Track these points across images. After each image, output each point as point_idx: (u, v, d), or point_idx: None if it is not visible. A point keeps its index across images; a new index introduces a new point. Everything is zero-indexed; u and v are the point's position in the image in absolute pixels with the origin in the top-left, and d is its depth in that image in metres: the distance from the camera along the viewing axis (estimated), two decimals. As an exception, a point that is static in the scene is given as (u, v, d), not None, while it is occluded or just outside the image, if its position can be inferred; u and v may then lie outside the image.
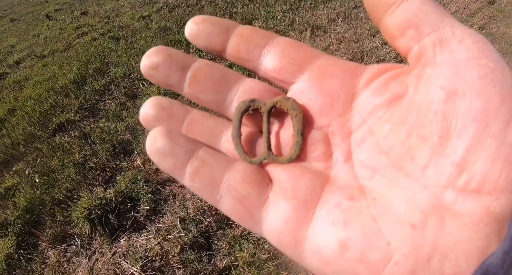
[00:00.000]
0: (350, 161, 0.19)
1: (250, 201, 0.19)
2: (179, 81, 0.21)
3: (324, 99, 0.19)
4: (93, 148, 1.99)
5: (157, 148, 0.19)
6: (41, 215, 1.67)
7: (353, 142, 0.19)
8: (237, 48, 0.21)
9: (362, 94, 0.19)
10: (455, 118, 0.15)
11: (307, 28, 3.00)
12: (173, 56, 0.21)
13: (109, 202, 1.57)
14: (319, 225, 0.17)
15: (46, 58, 3.52)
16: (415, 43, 0.17)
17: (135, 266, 1.34)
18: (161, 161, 0.19)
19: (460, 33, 0.16)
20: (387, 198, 0.16)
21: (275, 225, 0.18)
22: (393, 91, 0.18)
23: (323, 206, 0.18)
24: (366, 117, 0.18)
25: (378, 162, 0.17)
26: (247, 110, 0.20)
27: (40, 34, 4.32)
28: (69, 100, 2.53)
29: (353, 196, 0.17)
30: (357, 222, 0.16)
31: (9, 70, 3.50)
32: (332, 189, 0.18)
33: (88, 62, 3.02)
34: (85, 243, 1.52)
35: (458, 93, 0.15)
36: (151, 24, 3.69)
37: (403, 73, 0.18)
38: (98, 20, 4.27)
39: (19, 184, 1.89)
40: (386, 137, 0.17)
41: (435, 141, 0.15)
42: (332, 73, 0.20)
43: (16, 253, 1.53)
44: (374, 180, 0.17)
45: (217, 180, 0.19)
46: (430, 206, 0.15)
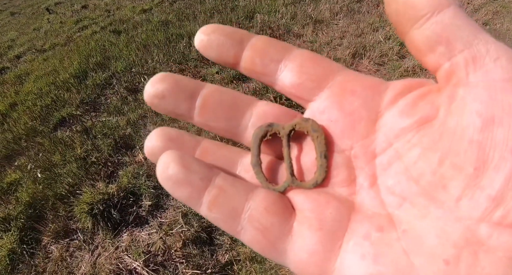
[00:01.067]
0: (376, 186, 0.18)
1: (273, 232, 0.17)
2: (189, 110, 0.19)
3: (346, 119, 0.18)
4: (95, 142, 1.99)
5: (170, 175, 0.17)
6: (44, 210, 1.67)
7: (379, 166, 0.18)
8: (252, 62, 0.19)
9: (387, 114, 0.18)
10: (492, 148, 0.14)
11: (309, 22, 2.97)
12: (180, 84, 0.19)
13: (111, 197, 1.58)
14: (348, 258, 0.16)
15: (46, 52, 3.51)
16: (446, 60, 0.16)
17: (137, 261, 1.35)
18: (175, 190, 0.18)
19: (495, 51, 0.15)
20: (418, 230, 0.16)
21: (300, 257, 0.17)
22: (422, 112, 0.17)
23: (351, 238, 0.17)
24: (393, 140, 0.17)
25: (407, 189, 0.16)
26: (265, 136, 0.19)
27: (41, 28, 4.29)
28: (70, 95, 2.53)
29: (382, 226, 0.16)
30: (388, 256, 0.16)
31: (10, 64, 3.49)
32: (360, 218, 0.17)
33: (89, 56, 3.01)
34: (87, 237, 1.53)
35: (496, 120, 0.14)
36: (152, 17, 3.66)
37: (431, 92, 0.17)
38: (98, 14, 4.25)
39: (21, 179, 1.89)
40: (416, 163, 0.16)
41: (470, 172, 0.14)
42: (353, 90, 0.18)
43: (19, 247, 1.54)
44: (403, 209, 0.16)
45: (238, 210, 0.18)
46: (464, 240, 0.14)
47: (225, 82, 2.26)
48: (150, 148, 0.19)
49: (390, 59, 2.34)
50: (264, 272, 1.21)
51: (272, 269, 1.22)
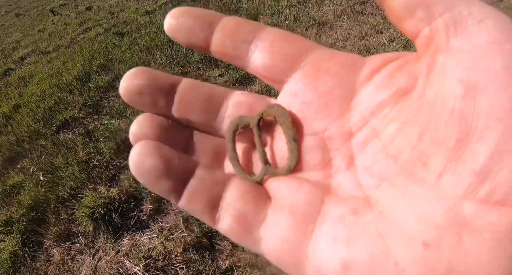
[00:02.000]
0: (353, 167, 0.17)
1: (248, 219, 0.17)
2: (167, 105, 0.19)
3: (319, 100, 0.17)
4: (97, 145, 1.99)
5: (148, 169, 0.16)
6: (46, 213, 1.68)
7: (355, 146, 0.17)
8: (222, 44, 0.18)
9: (363, 91, 0.17)
10: (476, 117, 0.13)
11: (313, 24, 2.96)
12: (157, 79, 0.19)
13: (112, 200, 1.57)
14: (320, 242, 0.16)
15: (50, 54, 3.53)
16: (426, 25, 0.14)
17: (138, 265, 1.35)
18: (155, 185, 0.17)
19: (479, 12, 0.14)
20: (395, 211, 0.14)
21: (274, 244, 0.17)
22: (399, 84, 0.16)
23: (323, 221, 0.16)
24: (369, 117, 0.16)
25: (385, 169, 0.15)
26: (237, 130, 0.19)
27: (45, 30, 4.32)
28: (73, 97, 2.53)
29: (356, 209, 0.15)
30: (361, 240, 0.15)
31: (14, 66, 3.51)
32: (334, 200, 0.16)
33: (92, 58, 3.02)
34: (89, 241, 1.53)
35: (479, 87, 0.13)
36: (156, 19, 3.67)
37: (409, 62, 0.16)
38: (102, 15, 4.26)
39: (23, 182, 1.90)
40: (394, 140, 0.15)
41: (452, 145, 0.13)
42: (328, 69, 0.17)
43: (21, 250, 1.55)
44: (381, 189, 0.15)
45: (216, 200, 0.18)
46: (446, 220, 0.13)
47: (228, 85, 2.26)
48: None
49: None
50: (264, 278, 1.21)
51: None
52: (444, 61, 0.14)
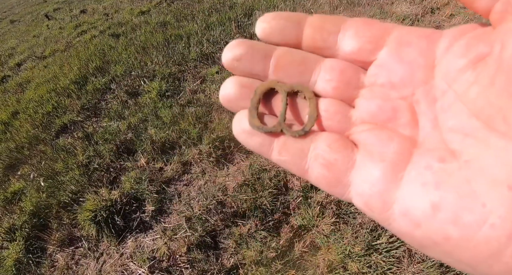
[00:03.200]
0: (438, 127, 0.18)
1: (337, 166, 0.19)
2: (263, 69, 0.21)
3: (404, 69, 0.19)
4: (96, 148, 1.97)
5: (244, 128, 0.20)
6: (48, 219, 1.67)
7: (439, 109, 0.18)
8: (312, 39, 0.21)
9: (443, 60, 0.18)
10: None
11: (309, 16, 2.93)
12: (254, 47, 0.21)
13: (114, 203, 1.56)
14: (409, 186, 0.17)
15: (46, 59, 3.51)
16: (496, 1, 0.16)
17: (142, 267, 1.34)
18: (248, 140, 0.20)
19: None
20: (480, 160, 0.16)
21: (363, 188, 0.18)
22: (476, 51, 0.17)
23: (412, 168, 0.17)
24: (451, 83, 0.18)
25: (468, 125, 0.16)
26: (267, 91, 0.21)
27: (40, 35, 4.30)
28: (71, 101, 2.52)
29: (443, 158, 0.17)
30: (449, 183, 0.16)
31: (11, 72, 3.50)
32: (422, 152, 0.18)
33: (89, 61, 3.00)
34: (92, 245, 1.52)
35: None
36: (151, 19, 3.64)
37: (486, 33, 0.17)
38: (97, 18, 4.24)
39: (24, 188, 1.89)
40: (475, 100, 0.16)
41: None
42: (409, 41, 0.19)
43: (25, 257, 1.54)
44: (465, 143, 0.16)
45: (304, 151, 0.20)
46: None
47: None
48: (225, 95, 0.21)
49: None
50: (270, 275, 1.19)
51: (279, 272, 1.19)
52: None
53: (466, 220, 0.15)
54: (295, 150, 0.20)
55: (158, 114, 2.11)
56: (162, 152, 1.85)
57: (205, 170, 1.68)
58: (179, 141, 1.88)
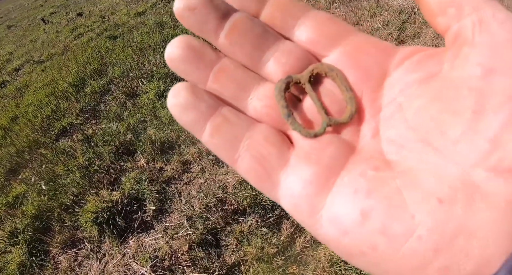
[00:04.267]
0: (378, 137, 0.18)
1: (269, 161, 0.18)
2: (217, 28, 0.19)
3: (357, 74, 0.19)
4: (96, 150, 1.98)
5: (179, 101, 0.19)
6: (50, 221, 1.67)
7: (382, 119, 0.18)
8: (272, 15, 0.20)
9: (394, 73, 0.18)
10: (492, 95, 0.14)
11: (305, 12, 2.92)
12: (214, 2, 0.19)
13: (115, 204, 1.57)
14: (341, 192, 0.17)
15: (44, 63, 3.51)
16: (455, 22, 0.16)
17: (145, 267, 1.34)
18: (181, 114, 0.19)
19: (502, 16, 0.15)
20: (413, 172, 0.16)
21: (293, 189, 0.17)
22: (427, 69, 0.17)
23: (346, 175, 0.17)
24: (397, 94, 0.18)
25: (406, 137, 0.17)
26: (288, 88, 0.19)
27: (37, 39, 4.31)
28: (69, 104, 2.53)
29: (378, 166, 0.17)
30: (381, 192, 0.16)
31: (9, 77, 3.50)
32: (358, 159, 0.18)
33: (86, 63, 3.00)
34: (94, 246, 1.53)
35: (496, 71, 0.15)
36: (147, 20, 3.64)
37: (438, 53, 0.18)
38: (93, 20, 4.24)
39: (26, 192, 1.90)
40: (417, 112, 0.17)
41: (469, 116, 0.15)
42: (367, 50, 0.19)
43: (28, 260, 1.55)
44: (401, 155, 0.17)
45: (238, 138, 0.19)
46: (459, 182, 0.14)
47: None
48: (170, 54, 0.19)
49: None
50: (271, 271, 1.19)
51: (280, 267, 1.20)
52: (467, 51, 0.16)
53: (394, 230, 0.15)
54: (229, 135, 0.19)
55: (157, 114, 2.12)
56: (162, 152, 1.85)
57: (205, 169, 1.68)
58: (178, 140, 1.88)
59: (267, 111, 0.19)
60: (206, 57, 0.19)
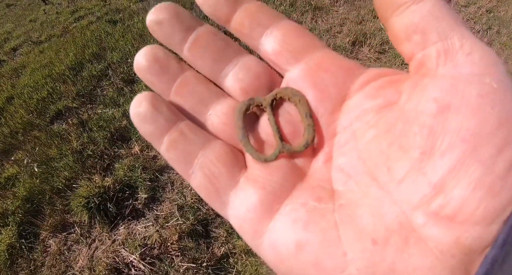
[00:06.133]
0: (329, 163, 0.18)
1: (219, 181, 0.18)
2: (181, 42, 0.20)
3: (315, 94, 0.19)
4: (91, 135, 1.97)
5: (139, 112, 0.19)
6: (41, 204, 1.67)
7: (336, 144, 0.18)
8: (241, 23, 0.20)
9: (354, 97, 0.18)
10: (443, 135, 0.14)
11: (309, 9, 2.90)
12: (180, 15, 0.20)
13: (107, 190, 1.57)
14: (281, 220, 0.17)
15: (43, 44, 3.47)
16: (420, 50, 0.16)
17: (134, 254, 1.35)
18: (141, 125, 0.19)
19: (469, 46, 0.15)
20: (354, 206, 0.16)
21: (239, 211, 0.18)
22: (385, 97, 0.17)
23: (289, 203, 0.17)
24: (353, 120, 0.18)
25: (354, 168, 0.17)
26: (248, 109, 0.20)
27: (37, 19, 4.24)
28: (66, 87, 2.50)
29: (321, 197, 0.17)
30: (318, 225, 0.16)
31: (6, 57, 3.45)
32: (303, 187, 0.18)
33: (85, 47, 2.97)
34: (85, 231, 1.53)
35: (452, 108, 0.14)
36: (149, 6, 3.59)
37: (401, 80, 0.17)
38: (94, 3, 4.18)
39: (18, 174, 1.88)
40: (369, 143, 0.16)
41: (416, 156, 0.14)
42: (328, 68, 0.19)
43: (18, 242, 1.55)
44: (347, 186, 0.17)
45: (192, 155, 0.19)
46: (397, 224, 0.14)
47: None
48: (137, 64, 0.20)
49: (391, 47, 2.28)
50: (259, 265, 1.21)
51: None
52: (427, 82, 0.15)
53: (325, 265, 0.15)
54: (184, 150, 0.19)
55: (154, 102, 2.10)
56: (157, 141, 1.85)
57: (199, 160, 1.69)
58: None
59: (223, 128, 0.20)
60: (170, 70, 0.20)
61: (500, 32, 2.34)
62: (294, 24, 0.20)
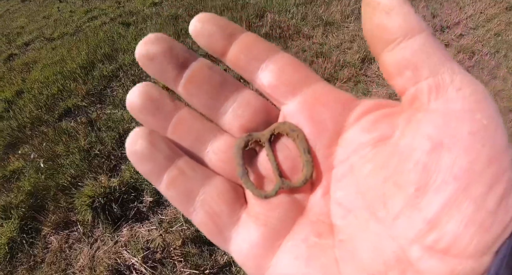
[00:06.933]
0: (328, 196, 0.18)
1: (221, 218, 0.19)
2: (175, 78, 0.19)
3: (312, 128, 0.19)
4: (99, 135, 1.98)
5: (136, 150, 0.18)
6: (45, 200, 1.67)
7: (334, 177, 0.18)
8: (237, 56, 0.20)
9: (351, 130, 0.18)
10: (436, 172, 0.14)
11: (320, 23, 2.95)
12: (172, 49, 0.19)
13: (112, 191, 1.57)
14: (284, 257, 0.17)
15: (55, 41, 3.50)
16: (412, 85, 0.16)
17: (136, 257, 1.35)
18: (138, 164, 0.19)
19: (460, 81, 0.15)
20: (354, 241, 0.16)
21: (241, 248, 0.18)
22: (381, 131, 0.17)
23: (290, 238, 0.18)
24: (350, 154, 0.18)
25: (353, 202, 0.17)
26: (247, 146, 0.20)
27: (51, 16, 4.29)
28: (76, 85, 2.52)
29: (321, 233, 0.17)
30: (319, 261, 0.16)
31: (18, 51, 3.49)
32: (304, 222, 0.18)
33: (97, 47, 3.00)
34: (87, 230, 1.53)
35: (444, 146, 0.14)
36: (162, 11, 3.65)
37: (394, 113, 0.17)
38: (109, 5, 4.23)
39: (24, 168, 1.89)
40: (366, 178, 0.17)
41: (411, 192, 0.15)
42: (325, 102, 0.19)
43: (19, 236, 1.55)
44: (346, 220, 0.17)
45: (193, 192, 0.19)
46: (394, 258, 0.15)
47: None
48: (130, 103, 0.20)
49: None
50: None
51: (271, 272, 1.21)
52: (420, 118, 0.15)
53: None
54: (184, 188, 0.19)
55: (163, 106, 2.12)
56: (164, 144, 1.86)
57: (206, 166, 1.70)
58: (182, 135, 1.89)
59: (222, 165, 0.20)
60: (165, 108, 0.20)
61: (508, 56, 2.38)
62: (289, 57, 0.20)
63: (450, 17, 2.94)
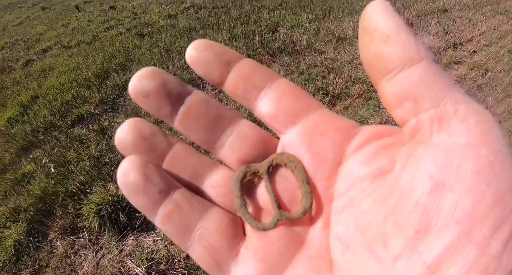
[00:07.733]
0: (327, 229, 0.18)
1: (220, 254, 0.18)
2: (171, 114, 0.19)
3: (312, 158, 0.18)
4: (109, 143, 2.01)
5: (129, 182, 0.17)
6: (53, 205, 1.69)
7: (333, 210, 0.18)
8: (235, 85, 0.19)
9: (350, 160, 0.18)
10: (437, 214, 0.13)
11: (332, 39, 2.98)
12: (167, 84, 0.18)
13: (120, 199, 1.58)
14: None
15: (72, 48, 3.60)
16: (413, 116, 0.15)
17: (140, 267, 1.35)
18: (131, 197, 0.18)
19: (464, 111, 0.14)
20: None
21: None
22: (380, 164, 0.16)
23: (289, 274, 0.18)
24: (350, 187, 0.17)
25: (352, 238, 0.16)
26: (245, 177, 0.19)
27: (69, 25, 4.42)
28: (90, 93, 2.58)
29: (320, 270, 0.17)
30: None
31: (36, 57, 3.59)
32: (303, 257, 0.18)
33: (112, 56, 3.07)
34: (93, 237, 1.54)
35: (446, 186, 0.14)
36: (177, 23, 3.73)
37: (395, 144, 0.17)
38: (125, 15, 4.35)
39: (35, 172, 1.92)
40: (365, 214, 0.16)
41: (411, 235, 0.14)
42: (324, 131, 0.18)
43: (26, 239, 1.56)
44: (345, 257, 0.17)
45: (190, 227, 0.18)
46: None
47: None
48: (120, 140, 0.19)
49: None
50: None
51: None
52: (421, 153, 0.15)
53: None
54: (181, 223, 0.18)
55: (174, 117, 2.15)
56: (173, 155, 1.87)
57: (213, 178, 1.70)
58: (193, 145, 1.90)
59: (221, 199, 0.19)
60: (158, 146, 0.19)
61: (522, 74, 2.36)
62: (289, 83, 0.19)
63: (463, 34, 2.95)
